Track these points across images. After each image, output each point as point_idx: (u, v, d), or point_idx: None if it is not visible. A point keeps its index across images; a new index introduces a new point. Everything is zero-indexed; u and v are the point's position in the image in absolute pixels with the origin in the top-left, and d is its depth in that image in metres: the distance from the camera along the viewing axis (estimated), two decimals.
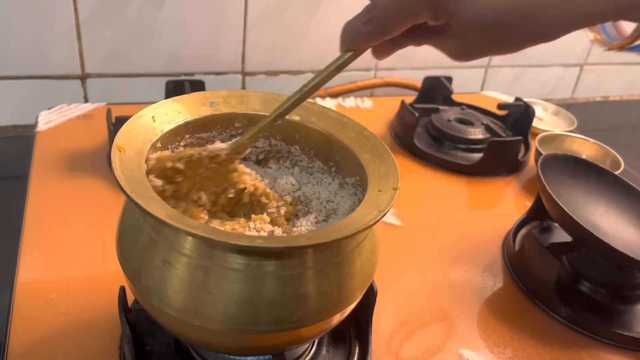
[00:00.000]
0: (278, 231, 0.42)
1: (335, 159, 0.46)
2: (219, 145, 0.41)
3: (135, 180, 0.34)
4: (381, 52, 0.39)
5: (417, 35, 0.37)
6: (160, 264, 0.35)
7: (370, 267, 0.40)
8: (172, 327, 0.37)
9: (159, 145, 0.41)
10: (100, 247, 0.57)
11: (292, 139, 0.47)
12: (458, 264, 0.62)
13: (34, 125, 0.75)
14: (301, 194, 0.46)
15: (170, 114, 0.42)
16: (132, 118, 0.40)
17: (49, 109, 0.78)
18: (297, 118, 0.46)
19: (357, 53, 0.36)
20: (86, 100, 0.86)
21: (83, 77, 0.85)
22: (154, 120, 0.41)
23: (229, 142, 0.41)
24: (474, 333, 0.53)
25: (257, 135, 0.41)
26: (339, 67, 0.37)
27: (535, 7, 0.29)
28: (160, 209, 0.32)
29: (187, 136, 0.43)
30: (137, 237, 0.36)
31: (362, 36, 0.35)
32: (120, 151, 0.36)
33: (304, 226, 0.43)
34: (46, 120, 0.76)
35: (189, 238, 0.34)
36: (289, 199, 0.45)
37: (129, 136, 0.38)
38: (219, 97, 0.45)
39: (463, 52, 0.35)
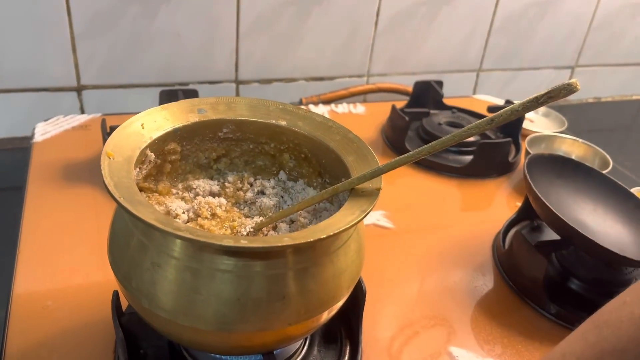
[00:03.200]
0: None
1: (322, 162, 0.47)
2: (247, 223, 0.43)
3: (124, 186, 0.36)
4: None
5: None
6: (149, 267, 0.36)
7: (356, 266, 0.41)
8: (163, 328, 0.38)
9: (148, 152, 0.42)
10: (95, 255, 0.58)
11: (281, 142, 0.48)
12: (449, 264, 0.63)
13: (31, 137, 0.76)
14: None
15: (158, 121, 0.43)
16: (121, 126, 0.41)
17: (45, 120, 0.79)
18: (283, 123, 0.47)
19: None
20: (82, 112, 0.88)
21: (79, 89, 0.86)
22: (143, 128, 0.42)
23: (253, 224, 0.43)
24: (465, 331, 0.54)
25: (278, 219, 0.43)
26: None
27: None
28: (148, 213, 0.33)
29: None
30: (127, 241, 0.38)
31: None
32: (109, 158, 0.37)
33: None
34: (43, 132, 0.77)
35: (177, 241, 0.35)
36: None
37: (118, 143, 0.39)
38: (206, 104, 0.47)
39: None
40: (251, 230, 0.43)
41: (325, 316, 0.40)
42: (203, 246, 0.34)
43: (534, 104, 0.34)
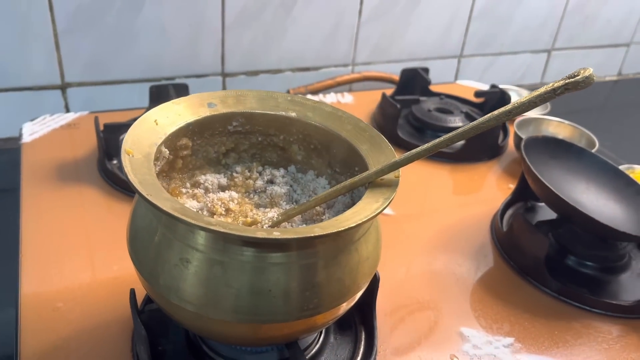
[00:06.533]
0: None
1: (332, 152, 0.47)
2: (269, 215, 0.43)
3: (148, 183, 0.35)
4: None
5: None
6: (178, 263, 0.36)
7: (376, 254, 0.42)
8: (191, 323, 0.38)
9: (163, 148, 0.42)
10: (99, 253, 0.57)
11: (290, 134, 0.48)
12: (451, 248, 0.64)
13: (19, 138, 0.74)
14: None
15: (171, 116, 0.43)
16: (135, 123, 0.41)
17: (31, 120, 0.78)
18: (293, 114, 0.47)
19: None
20: (67, 110, 0.86)
21: (63, 87, 0.84)
22: (157, 124, 0.42)
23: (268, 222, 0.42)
24: (472, 312, 0.55)
25: (296, 214, 0.43)
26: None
27: None
28: (177, 209, 0.33)
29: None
30: (152, 238, 0.37)
31: None
32: (129, 155, 0.37)
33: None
34: (30, 132, 0.75)
35: (206, 235, 0.35)
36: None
37: (135, 140, 0.39)
38: (216, 98, 0.46)
39: None
40: (268, 228, 0.43)
41: (349, 304, 0.40)
42: (235, 239, 0.34)
43: (551, 95, 0.35)
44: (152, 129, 0.41)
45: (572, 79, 0.34)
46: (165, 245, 0.36)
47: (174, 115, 0.43)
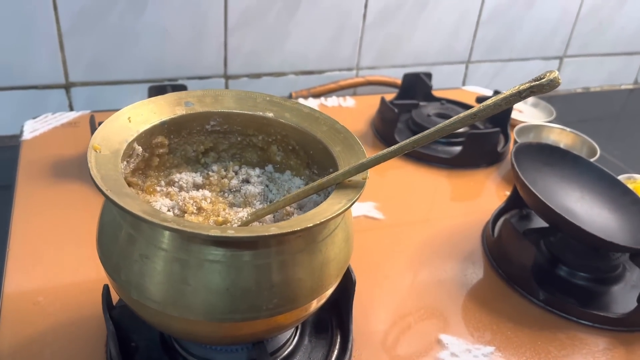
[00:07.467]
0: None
1: (309, 153, 0.47)
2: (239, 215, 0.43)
3: (111, 179, 0.36)
4: None
5: None
6: (138, 259, 0.36)
7: (344, 255, 0.41)
8: (153, 319, 0.38)
9: (135, 145, 0.42)
10: (86, 251, 0.58)
11: (268, 134, 0.48)
12: (440, 254, 0.63)
13: (20, 135, 0.76)
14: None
15: (145, 114, 0.43)
16: (107, 119, 0.41)
17: (34, 118, 0.79)
18: (270, 114, 0.47)
19: None
20: (71, 109, 0.87)
21: (67, 86, 0.86)
22: (130, 121, 0.42)
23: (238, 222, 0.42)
24: (454, 319, 0.55)
25: (264, 215, 0.42)
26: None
27: None
28: (135, 205, 0.33)
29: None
30: (116, 234, 0.38)
31: None
32: (96, 151, 0.38)
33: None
34: (31, 129, 0.77)
35: (165, 232, 0.35)
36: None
37: (105, 137, 0.39)
38: (193, 97, 0.47)
39: None
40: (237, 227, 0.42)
41: (315, 305, 0.40)
42: (191, 237, 0.34)
43: (517, 97, 0.35)
44: (124, 126, 0.41)
45: (537, 82, 0.34)
46: (127, 241, 0.37)
47: (149, 113, 0.44)
